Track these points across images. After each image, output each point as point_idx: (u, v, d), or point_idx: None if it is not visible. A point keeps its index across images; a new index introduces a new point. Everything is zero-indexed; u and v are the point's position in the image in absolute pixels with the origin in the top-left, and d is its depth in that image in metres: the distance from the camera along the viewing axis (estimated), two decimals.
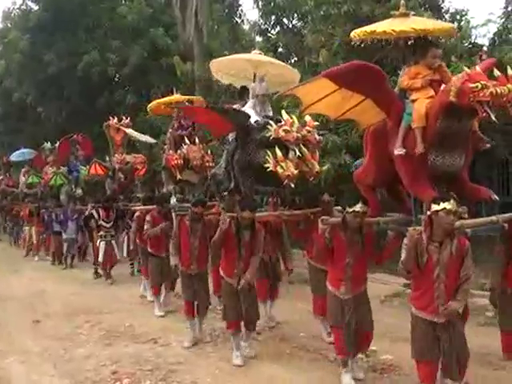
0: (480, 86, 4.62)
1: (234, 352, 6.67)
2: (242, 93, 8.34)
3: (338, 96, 5.51)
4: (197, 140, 9.87)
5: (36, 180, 18.30)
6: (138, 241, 10.30)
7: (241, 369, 6.50)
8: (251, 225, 6.58)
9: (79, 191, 15.48)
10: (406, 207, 5.91)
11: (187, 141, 9.76)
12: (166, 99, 11.61)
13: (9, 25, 25.41)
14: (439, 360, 4.81)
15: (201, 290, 7.56)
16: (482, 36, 13.87)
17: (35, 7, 22.55)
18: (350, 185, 9.23)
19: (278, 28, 18.16)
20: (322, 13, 14.02)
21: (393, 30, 5.41)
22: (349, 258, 5.64)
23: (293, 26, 18.26)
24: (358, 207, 5.52)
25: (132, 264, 12.57)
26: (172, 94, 11.68)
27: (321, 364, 6.55)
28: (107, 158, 14.57)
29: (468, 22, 13.04)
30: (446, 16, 13.49)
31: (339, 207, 7.24)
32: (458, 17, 13.56)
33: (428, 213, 4.76)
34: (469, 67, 5.16)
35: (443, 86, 5.31)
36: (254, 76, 7.86)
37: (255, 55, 8.25)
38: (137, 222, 10.03)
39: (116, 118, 13.54)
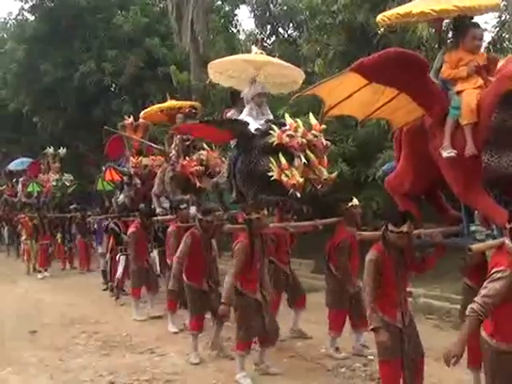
0: None
1: (241, 372, 6.31)
2: (233, 98, 7.96)
3: (367, 93, 4.63)
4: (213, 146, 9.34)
5: (37, 188, 17.11)
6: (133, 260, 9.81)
7: None
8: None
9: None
10: (449, 216, 5.27)
11: (206, 146, 9.26)
12: (160, 105, 11.34)
13: (5, 35, 25.45)
14: None
15: (216, 302, 7.17)
16: None
17: (31, 18, 22.51)
18: (346, 193, 9.28)
19: (273, 37, 18.27)
20: (317, 22, 14.06)
21: (432, 10, 4.56)
22: (397, 279, 4.86)
23: (288, 35, 18.36)
24: (406, 227, 4.65)
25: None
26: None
27: (319, 373, 6.54)
28: None
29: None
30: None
31: None
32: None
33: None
34: None
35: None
36: (253, 79, 7.28)
37: (256, 55, 7.66)
38: (132, 239, 9.70)
39: (132, 118, 11.96)
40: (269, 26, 18.26)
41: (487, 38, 12.61)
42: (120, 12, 20.86)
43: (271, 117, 7.16)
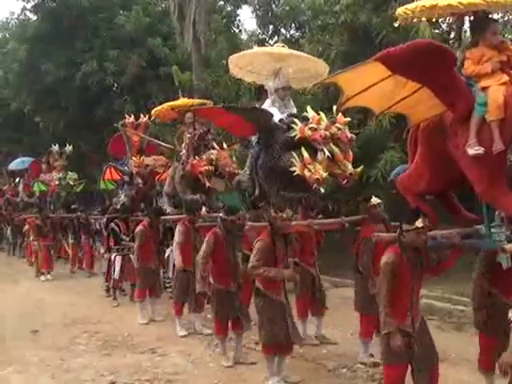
0: None
1: (272, 378, 6.04)
2: (261, 92, 7.72)
3: (388, 85, 4.46)
4: (225, 145, 9.17)
5: (43, 188, 16.57)
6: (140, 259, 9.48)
7: (239, 378, 6.49)
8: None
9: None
10: (463, 217, 5.15)
11: (215, 145, 9.04)
12: (171, 103, 11.09)
13: (7, 35, 25.48)
14: None
15: (241, 306, 7.02)
16: None
17: (33, 17, 22.54)
18: (347, 193, 9.28)
19: (275, 38, 18.25)
20: (319, 22, 14.08)
21: (459, 3, 4.35)
22: (412, 283, 4.69)
23: (290, 35, 18.36)
24: (420, 222, 4.54)
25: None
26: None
27: (320, 374, 6.53)
28: None
29: (465, 32, 13.01)
30: (443, 26, 13.55)
31: None
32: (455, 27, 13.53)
33: None
34: None
35: None
36: (278, 71, 7.01)
37: (278, 48, 7.41)
38: (139, 237, 9.42)
39: (133, 117, 12.03)
40: (271, 26, 18.28)
41: None
42: (122, 12, 20.88)
43: (294, 110, 6.88)
